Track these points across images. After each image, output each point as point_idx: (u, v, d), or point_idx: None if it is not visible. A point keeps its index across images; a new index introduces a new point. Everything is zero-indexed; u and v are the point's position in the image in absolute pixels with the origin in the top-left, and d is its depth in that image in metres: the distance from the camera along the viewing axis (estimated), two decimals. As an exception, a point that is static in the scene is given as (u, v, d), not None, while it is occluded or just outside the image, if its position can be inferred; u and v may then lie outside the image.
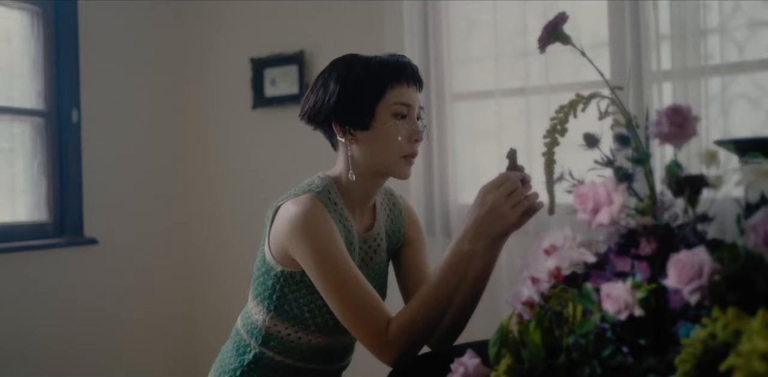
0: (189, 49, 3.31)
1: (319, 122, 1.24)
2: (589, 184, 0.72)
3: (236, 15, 3.16)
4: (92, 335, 2.88)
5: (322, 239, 1.15)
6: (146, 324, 3.09)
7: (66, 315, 2.80)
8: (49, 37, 2.83)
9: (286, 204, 1.20)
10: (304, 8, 2.94)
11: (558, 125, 0.90)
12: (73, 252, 2.84)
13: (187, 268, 3.28)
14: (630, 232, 0.77)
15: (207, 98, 3.28)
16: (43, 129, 2.82)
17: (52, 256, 2.77)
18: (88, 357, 2.84)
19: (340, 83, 1.20)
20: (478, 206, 1.09)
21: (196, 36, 3.30)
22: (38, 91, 2.81)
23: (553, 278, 0.77)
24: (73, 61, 2.86)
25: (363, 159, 1.23)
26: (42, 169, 2.80)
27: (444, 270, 1.12)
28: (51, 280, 2.76)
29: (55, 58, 2.84)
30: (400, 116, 1.21)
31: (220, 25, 3.23)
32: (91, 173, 2.92)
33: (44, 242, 2.73)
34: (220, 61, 3.24)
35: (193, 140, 3.30)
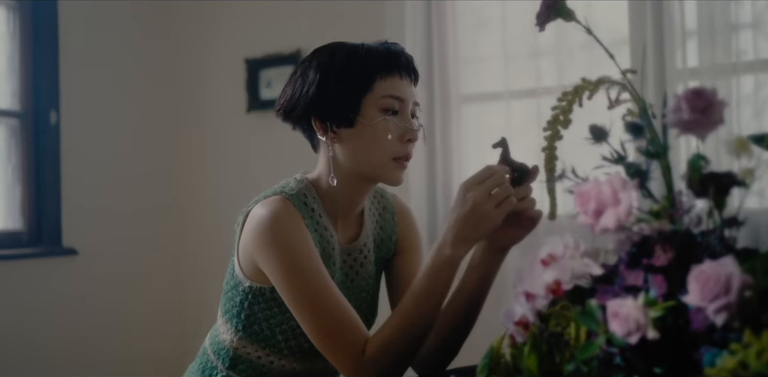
0: (179, 48, 3.26)
1: (296, 117, 1.15)
2: (592, 181, 0.63)
3: (230, 12, 3.12)
4: (69, 353, 2.81)
5: (291, 247, 1.06)
6: (130, 343, 3.01)
7: (40, 333, 2.74)
8: (27, 33, 2.79)
9: (255, 207, 1.12)
10: (301, 5, 2.89)
11: (560, 116, 0.82)
12: (49, 263, 2.78)
13: (175, 282, 3.20)
14: (643, 239, 0.69)
15: (198, 101, 3.23)
16: (19, 131, 2.78)
17: (26, 267, 2.71)
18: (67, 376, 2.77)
19: (321, 72, 1.11)
20: (459, 205, 1.00)
21: (186, 34, 3.25)
22: (13, 91, 2.77)
23: (552, 294, 0.70)
24: (52, 59, 2.82)
25: (347, 161, 1.13)
26: (17, 173, 2.75)
27: (425, 279, 1.03)
28: (25, 293, 2.70)
29: (33, 55, 2.80)
30: (391, 112, 1.11)
31: (213, 23, 3.18)
32: (71, 178, 2.86)
33: (18, 252, 2.68)
34: (213, 61, 3.19)
35: (183, 144, 3.24)
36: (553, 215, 0.85)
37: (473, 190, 0.98)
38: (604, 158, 0.77)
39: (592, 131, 0.79)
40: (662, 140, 0.70)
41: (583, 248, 0.72)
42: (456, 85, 2.45)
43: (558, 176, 0.76)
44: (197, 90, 3.23)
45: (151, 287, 3.12)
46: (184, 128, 3.25)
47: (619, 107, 0.80)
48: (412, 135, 1.12)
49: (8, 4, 2.75)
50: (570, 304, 0.70)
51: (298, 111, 1.13)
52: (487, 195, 0.97)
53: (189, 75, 3.24)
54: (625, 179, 0.62)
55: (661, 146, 0.69)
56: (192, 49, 3.24)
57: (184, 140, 3.25)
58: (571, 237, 0.72)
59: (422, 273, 1.04)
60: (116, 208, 3.02)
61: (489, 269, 1.07)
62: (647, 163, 0.71)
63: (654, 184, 0.74)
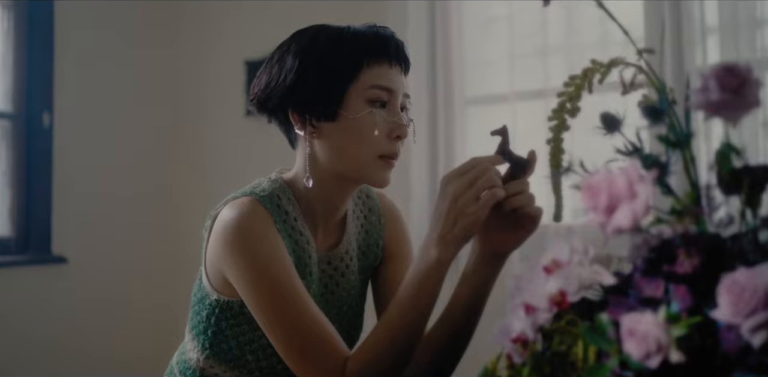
0: (178, 50, 3.20)
1: (271, 108, 1.05)
2: (603, 172, 0.54)
3: (229, 13, 3.06)
4: (57, 366, 2.74)
5: (260, 254, 0.97)
6: (121, 356, 2.92)
7: (27, 345, 2.67)
8: (21, 31, 2.75)
9: (222, 210, 1.03)
10: (301, 6, 2.82)
11: (567, 103, 0.72)
12: (38, 272, 2.74)
13: (169, 292, 3.11)
14: (663, 243, 0.60)
15: (197, 103, 3.17)
16: (10, 133, 2.73)
17: (13, 275, 2.66)
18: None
19: (300, 58, 1.01)
20: (440, 200, 0.90)
21: (185, 36, 3.19)
22: (5, 91, 2.72)
23: (556, 307, 0.61)
24: (47, 58, 2.78)
25: (327, 159, 1.03)
26: (6, 177, 2.71)
27: (409, 285, 0.93)
28: (11, 303, 2.65)
29: (27, 54, 2.75)
30: (379, 104, 1.01)
31: (212, 24, 3.12)
32: (63, 183, 2.81)
33: (5, 260, 2.64)
34: (212, 63, 3.13)
35: (181, 148, 3.17)
36: (558, 216, 0.75)
37: (453, 182, 0.88)
38: (618, 151, 0.67)
39: (603, 119, 0.70)
40: (685, 126, 0.60)
41: (593, 254, 0.62)
42: (460, 86, 2.40)
43: (563, 170, 0.67)
44: (196, 92, 3.17)
45: (143, 298, 3.04)
46: (182, 131, 3.19)
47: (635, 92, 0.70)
48: (401, 131, 1.02)
49: (3, 3, 2.71)
50: (577, 319, 0.61)
51: (274, 101, 1.03)
52: (467, 187, 0.87)
53: (187, 77, 3.18)
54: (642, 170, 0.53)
55: (683, 134, 0.59)
56: (191, 51, 3.18)
57: (182, 143, 3.18)
58: (578, 241, 0.63)
59: (407, 279, 0.94)
60: (109, 215, 2.96)
61: (484, 278, 0.97)
62: (667, 154, 0.61)
63: (676, 179, 0.65)
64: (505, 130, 0.93)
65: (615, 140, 0.70)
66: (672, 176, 0.63)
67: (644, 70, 0.69)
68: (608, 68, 0.71)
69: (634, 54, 0.72)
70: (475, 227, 0.88)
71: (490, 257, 0.96)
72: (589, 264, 0.62)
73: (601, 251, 0.64)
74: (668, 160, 0.62)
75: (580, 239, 0.63)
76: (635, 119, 0.69)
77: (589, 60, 1.94)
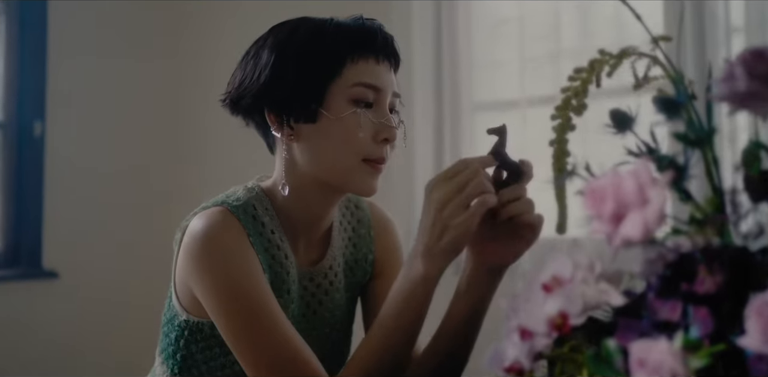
0: (177, 56, 3.16)
1: (245, 108, 0.99)
2: (609, 174, 0.47)
3: (229, 17, 3.02)
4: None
5: (229, 269, 0.91)
6: (114, 375, 2.86)
7: (14, 362, 2.63)
8: (13, 37, 2.74)
9: (191, 221, 0.97)
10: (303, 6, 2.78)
11: (573, 99, 0.66)
12: (27, 287, 2.71)
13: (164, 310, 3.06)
14: (681, 258, 0.53)
15: (196, 112, 3.12)
16: (0, 143, 2.72)
17: (1, 291, 2.64)
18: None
19: (276, 53, 0.95)
20: (425, 209, 0.83)
21: (184, 41, 3.16)
22: (-5, 99, 2.70)
23: (556, 331, 0.54)
24: (40, 65, 2.75)
25: (306, 164, 0.97)
26: (-4, 189, 2.69)
27: (394, 304, 0.86)
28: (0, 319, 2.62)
29: (18, 60, 2.73)
30: (364, 104, 0.94)
31: (216, 25, 3.09)
32: (55, 195, 2.78)
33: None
34: (213, 70, 3.07)
35: (179, 159, 3.12)
36: (562, 227, 0.68)
37: (438, 188, 0.81)
38: (629, 152, 0.61)
39: (613, 116, 0.63)
40: (706, 122, 0.54)
41: (600, 269, 0.56)
42: (468, 91, 2.36)
43: (568, 175, 0.60)
44: (196, 99, 3.12)
45: (137, 314, 2.98)
46: (182, 141, 3.14)
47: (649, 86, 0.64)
48: (389, 134, 0.95)
49: (-6, 8, 2.70)
50: (581, 345, 0.55)
51: (247, 100, 0.97)
52: (454, 194, 0.80)
53: (187, 84, 3.14)
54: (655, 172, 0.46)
55: (704, 130, 0.53)
56: (191, 57, 3.15)
57: (181, 153, 3.13)
58: (582, 254, 0.56)
59: (390, 296, 0.87)
60: (103, 228, 2.92)
61: (480, 295, 0.89)
62: (686, 154, 0.55)
63: (696, 183, 0.58)
64: (503, 129, 0.86)
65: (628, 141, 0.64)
66: (691, 179, 0.57)
67: (659, 61, 0.63)
68: (619, 59, 0.64)
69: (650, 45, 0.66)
70: (465, 239, 0.81)
71: (485, 272, 0.89)
72: (594, 282, 0.55)
73: (610, 266, 0.57)
74: (686, 161, 0.55)
75: (584, 252, 0.57)
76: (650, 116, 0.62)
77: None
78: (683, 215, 0.57)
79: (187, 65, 3.15)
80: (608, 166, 0.57)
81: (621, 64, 0.64)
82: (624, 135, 0.63)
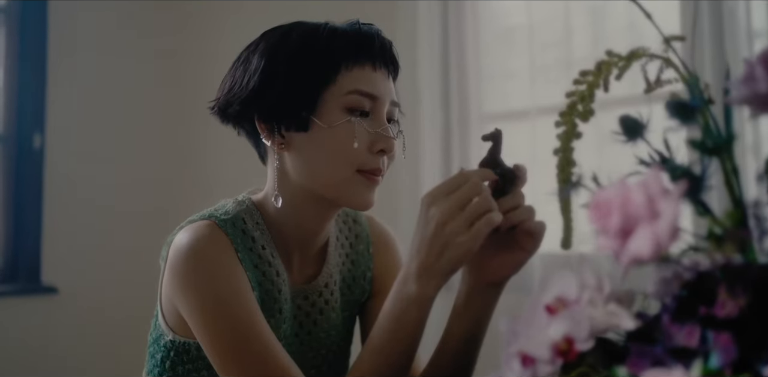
0: (179, 69, 3.13)
1: (234, 116, 0.95)
2: (616, 185, 0.43)
3: (236, 19, 2.99)
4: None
5: (215, 286, 0.86)
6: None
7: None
8: (13, 47, 2.72)
9: (177, 235, 0.93)
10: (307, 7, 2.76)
11: (579, 104, 0.62)
12: (26, 303, 2.69)
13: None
14: (699, 277, 0.49)
15: (200, 127, 3.08)
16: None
17: (1, 306, 2.62)
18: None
19: (267, 58, 0.91)
20: (422, 225, 0.78)
21: (186, 51, 3.13)
22: (-6, 111, 2.69)
23: (561, 358, 0.50)
24: (40, 76, 2.74)
25: (298, 175, 0.93)
26: (-5, 203, 2.68)
27: (386, 325, 0.82)
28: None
29: (18, 71, 2.72)
30: (359, 113, 0.90)
31: (215, 38, 3.06)
32: (54, 209, 2.76)
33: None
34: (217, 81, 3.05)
35: (183, 175, 3.09)
36: (567, 242, 0.64)
37: (437, 204, 0.76)
38: (641, 162, 0.57)
39: (623, 123, 0.59)
40: (725, 128, 0.49)
41: (609, 289, 0.51)
42: (476, 101, 2.31)
43: (572, 186, 0.56)
44: (199, 114, 3.09)
45: (138, 331, 2.94)
46: (185, 154, 3.10)
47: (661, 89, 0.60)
48: (386, 144, 0.90)
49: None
50: (589, 373, 0.50)
51: (236, 107, 0.93)
52: (456, 211, 0.75)
53: (190, 99, 3.11)
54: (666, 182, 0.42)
55: (722, 137, 0.49)
56: (193, 68, 3.12)
57: (184, 168, 3.09)
58: (590, 273, 0.52)
59: (383, 317, 0.82)
60: (103, 243, 2.89)
61: (479, 312, 0.85)
62: (702, 163, 0.50)
63: (715, 195, 0.54)
64: (498, 135, 0.82)
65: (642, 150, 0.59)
66: (709, 190, 0.52)
67: (672, 63, 0.59)
68: (628, 61, 0.61)
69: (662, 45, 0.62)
70: (465, 259, 0.77)
71: (484, 286, 0.84)
72: (603, 303, 0.51)
73: (621, 285, 0.53)
74: (703, 170, 0.51)
75: (592, 270, 0.53)
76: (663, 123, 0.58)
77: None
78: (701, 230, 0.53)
79: (190, 80, 3.13)
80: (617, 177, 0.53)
81: (630, 66, 0.61)
82: (635, 143, 0.59)
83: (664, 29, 0.65)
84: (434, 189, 0.77)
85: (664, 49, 0.60)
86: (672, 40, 0.59)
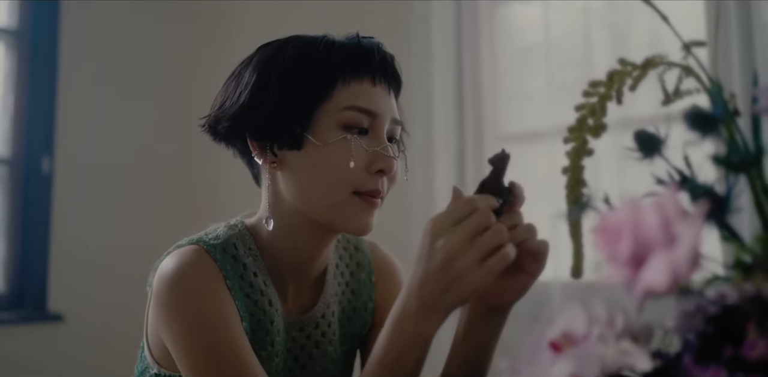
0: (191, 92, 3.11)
1: (224, 133, 0.91)
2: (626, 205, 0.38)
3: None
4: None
5: (200, 315, 0.82)
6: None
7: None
8: (23, 70, 2.71)
9: (163, 261, 0.89)
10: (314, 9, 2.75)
11: (589, 118, 0.57)
12: (32, 331, 2.64)
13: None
14: (725, 312, 0.44)
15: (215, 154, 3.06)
16: (6, 179, 2.67)
17: (5, 334, 2.57)
18: None
19: (259, 72, 0.87)
20: (425, 257, 0.71)
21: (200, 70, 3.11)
22: (3, 134, 2.67)
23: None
24: (49, 98, 2.73)
25: (291, 196, 0.88)
26: (1, 228, 2.63)
27: (381, 366, 0.75)
28: (3, 363, 2.54)
29: (28, 94, 2.71)
30: (357, 130, 0.85)
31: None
32: (62, 235, 2.73)
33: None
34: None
35: (194, 202, 3.05)
36: (577, 270, 0.59)
37: (446, 235, 0.69)
38: (659, 181, 0.52)
39: (638, 139, 0.54)
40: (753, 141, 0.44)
41: (622, 324, 0.46)
42: (492, 121, 2.27)
43: (582, 207, 0.51)
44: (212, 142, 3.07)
45: (146, 360, 2.91)
46: (197, 182, 3.07)
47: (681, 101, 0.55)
48: (385, 164, 0.85)
49: (6, 40, 2.69)
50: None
51: (225, 124, 0.89)
52: (467, 243, 0.68)
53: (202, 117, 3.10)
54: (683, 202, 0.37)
55: (749, 151, 0.44)
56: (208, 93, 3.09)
57: (196, 196, 3.06)
58: (600, 305, 0.47)
59: (377, 356, 0.76)
60: (111, 270, 2.85)
61: (482, 340, 0.79)
62: (728, 181, 0.45)
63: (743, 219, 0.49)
64: (506, 157, 0.77)
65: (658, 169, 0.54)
66: (737, 212, 0.47)
67: (693, 71, 0.54)
68: (643, 70, 0.56)
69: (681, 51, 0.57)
70: (471, 298, 0.71)
71: (486, 313, 0.79)
72: (615, 340, 0.45)
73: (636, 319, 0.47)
74: (729, 189, 0.46)
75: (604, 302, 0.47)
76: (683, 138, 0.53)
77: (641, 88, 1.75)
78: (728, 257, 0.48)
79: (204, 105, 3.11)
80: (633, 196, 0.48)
81: (646, 75, 0.56)
82: (652, 161, 0.54)
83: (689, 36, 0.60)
84: (440, 217, 0.71)
85: (683, 55, 0.55)
86: (692, 45, 0.54)
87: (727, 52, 1.73)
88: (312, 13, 2.74)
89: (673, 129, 0.51)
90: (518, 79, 2.31)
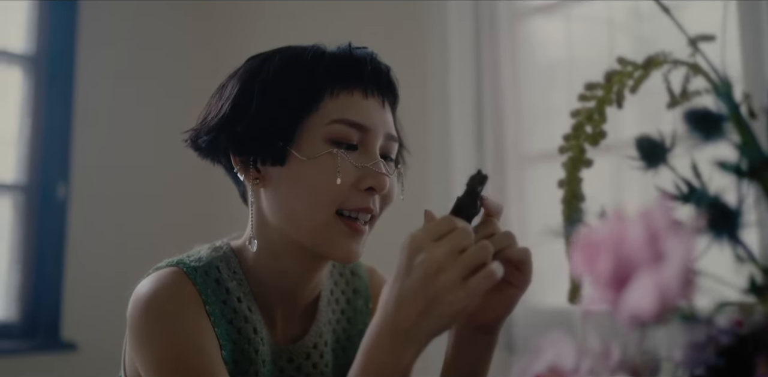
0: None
1: (205, 148, 0.88)
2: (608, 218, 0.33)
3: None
4: None
5: (174, 342, 0.78)
6: None
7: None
8: (41, 94, 2.73)
9: (140, 283, 0.86)
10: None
11: (585, 124, 0.52)
12: (45, 360, 2.62)
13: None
14: (737, 341, 0.38)
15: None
16: (21, 206, 2.68)
17: (18, 363, 2.56)
18: None
19: (242, 83, 0.84)
20: (402, 274, 0.65)
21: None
22: (18, 159, 2.68)
23: None
24: (65, 123, 2.74)
25: (274, 216, 0.84)
26: (15, 255, 2.63)
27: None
28: (14, 394, 2.55)
29: (44, 118, 2.72)
30: (345, 146, 0.81)
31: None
32: (76, 262, 2.72)
33: (9, 346, 2.54)
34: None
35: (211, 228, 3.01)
36: (574, 294, 0.53)
37: (426, 250, 0.63)
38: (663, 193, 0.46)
39: (640, 146, 0.49)
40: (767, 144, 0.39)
41: (618, 357, 0.41)
42: (514, 140, 2.22)
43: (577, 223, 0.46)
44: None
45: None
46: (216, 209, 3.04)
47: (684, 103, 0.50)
48: (376, 181, 0.80)
49: (23, 66, 2.71)
50: None
51: (205, 138, 0.86)
52: (450, 258, 0.63)
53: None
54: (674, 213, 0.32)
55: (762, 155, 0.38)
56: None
57: (212, 225, 3.03)
58: (593, 334, 0.42)
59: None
60: (126, 299, 2.80)
61: (472, 362, 0.74)
62: (739, 190, 0.40)
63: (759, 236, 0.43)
64: (482, 178, 0.71)
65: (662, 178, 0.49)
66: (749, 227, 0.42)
67: (701, 69, 0.49)
68: (645, 70, 0.51)
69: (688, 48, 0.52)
70: (454, 322, 0.65)
71: (473, 335, 0.74)
72: (609, 374, 0.40)
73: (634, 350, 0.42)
74: (740, 200, 0.40)
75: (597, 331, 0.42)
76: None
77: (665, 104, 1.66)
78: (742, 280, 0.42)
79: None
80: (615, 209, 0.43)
81: (649, 75, 0.51)
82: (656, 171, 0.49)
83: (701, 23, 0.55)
84: (419, 232, 0.66)
85: (690, 53, 0.50)
86: (699, 40, 0.49)
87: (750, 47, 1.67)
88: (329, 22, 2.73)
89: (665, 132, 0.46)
90: (540, 96, 2.27)
